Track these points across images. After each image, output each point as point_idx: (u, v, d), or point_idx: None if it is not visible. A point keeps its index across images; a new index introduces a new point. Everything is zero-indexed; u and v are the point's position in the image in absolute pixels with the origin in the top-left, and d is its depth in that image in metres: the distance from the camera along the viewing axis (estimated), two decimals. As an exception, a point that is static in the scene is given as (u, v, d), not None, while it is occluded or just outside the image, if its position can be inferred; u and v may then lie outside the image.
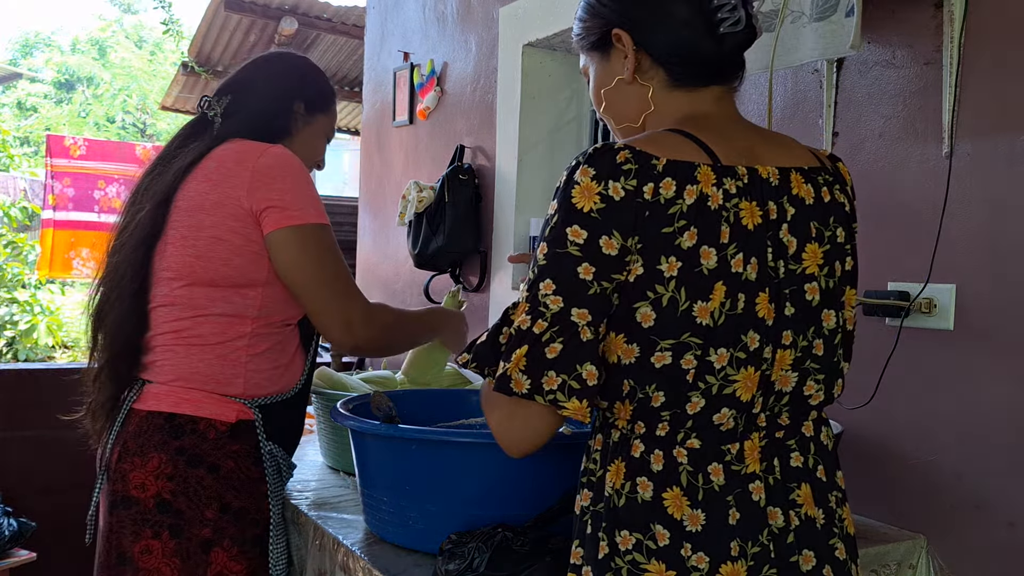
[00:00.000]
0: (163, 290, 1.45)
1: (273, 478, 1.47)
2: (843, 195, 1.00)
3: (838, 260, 0.97)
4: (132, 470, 1.40)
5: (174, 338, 1.45)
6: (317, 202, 1.46)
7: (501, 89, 2.62)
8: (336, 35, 5.68)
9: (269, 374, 1.47)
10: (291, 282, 1.44)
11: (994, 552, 1.42)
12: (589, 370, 0.86)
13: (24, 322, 6.33)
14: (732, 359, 0.89)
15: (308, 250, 1.42)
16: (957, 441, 1.47)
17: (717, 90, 1.00)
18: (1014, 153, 1.39)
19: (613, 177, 0.86)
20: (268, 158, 1.43)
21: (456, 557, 1.14)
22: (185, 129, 1.59)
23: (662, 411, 0.89)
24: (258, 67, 1.62)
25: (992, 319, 1.43)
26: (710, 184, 0.88)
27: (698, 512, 0.88)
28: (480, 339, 0.93)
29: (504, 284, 2.61)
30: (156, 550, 1.38)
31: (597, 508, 0.93)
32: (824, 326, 0.96)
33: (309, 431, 2.18)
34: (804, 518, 0.94)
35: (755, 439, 0.92)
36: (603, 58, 1.03)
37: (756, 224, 0.90)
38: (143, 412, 1.43)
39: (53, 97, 16.61)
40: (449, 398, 1.71)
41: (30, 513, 2.81)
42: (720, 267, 0.87)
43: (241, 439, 1.44)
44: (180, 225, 1.44)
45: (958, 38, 1.44)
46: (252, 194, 1.41)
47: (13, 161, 8.61)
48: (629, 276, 0.87)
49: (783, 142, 1.01)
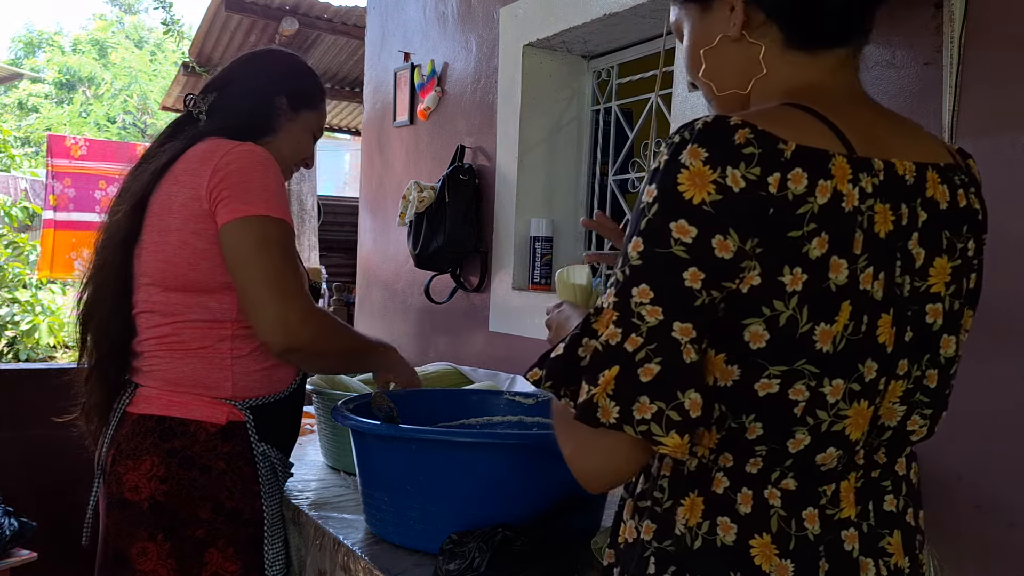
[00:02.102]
0: (143, 296, 1.44)
1: (267, 479, 1.46)
2: (977, 199, 0.86)
3: (965, 277, 0.84)
4: (126, 472, 1.40)
5: (157, 344, 1.44)
6: (271, 195, 1.38)
7: (501, 89, 2.62)
8: (336, 35, 5.69)
9: (258, 376, 1.46)
10: (235, 275, 1.37)
11: (994, 552, 1.42)
12: (692, 398, 0.70)
13: (25, 322, 6.34)
14: (846, 392, 0.75)
15: (256, 243, 1.36)
16: (957, 441, 1.47)
17: (841, 54, 0.83)
18: (1014, 153, 1.39)
19: (732, 162, 0.70)
20: (231, 155, 1.39)
21: (456, 557, 1.15)
22: (169, 127, 1.57)
23: (757, 445, 0.76)
24: (242, 64, 1.60)
25: (992, 319, 1.43)
26: (845, 180, 0.73)
27: (787, 563, 0.76)
28: (555, 352, 0.76)
29: (505, 284, 2.61)
30: (152, 552, 1.38)
31: (664, 545, 0.80)
32: (941, 354, 0.83)
33: (310, 431, 2.18)
34: (893, 569, 0.82)
35: (851, 479, 0.80)
36: (703, 10, 0.86)
37: (887, 232, 0.76)
38: (135, 415, 1.43)
39: (54, 97, 16.62)
40: (449, 398, 1.71)
41: (30, 513, 2.82)
42: (849, 283, 0.73)
43: (232, 440, 1.43)
44: (153, 228, 1.42)
45: (958, 38, 1.44)
46: (210, 192, 1.37)
47: (14, 161, 8.61)
48: (742, 285, 0.72)
49: (912, 130, 0.86)
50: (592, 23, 2.26)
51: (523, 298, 2.53)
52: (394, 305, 3.24)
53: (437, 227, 2.67)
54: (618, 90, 2.51)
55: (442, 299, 2.87)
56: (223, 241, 1.37)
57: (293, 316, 1.35)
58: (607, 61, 2.53)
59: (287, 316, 1.35)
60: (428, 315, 3.01)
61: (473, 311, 2.78)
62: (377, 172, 3.40)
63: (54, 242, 5.97)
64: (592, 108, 2.61)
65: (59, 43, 18.16)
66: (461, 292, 2.82)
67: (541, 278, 2.50)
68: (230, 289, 1.41)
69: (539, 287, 2.50)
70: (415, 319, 3.09)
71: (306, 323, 1.37)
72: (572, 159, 2.63)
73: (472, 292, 2.76)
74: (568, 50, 2.54)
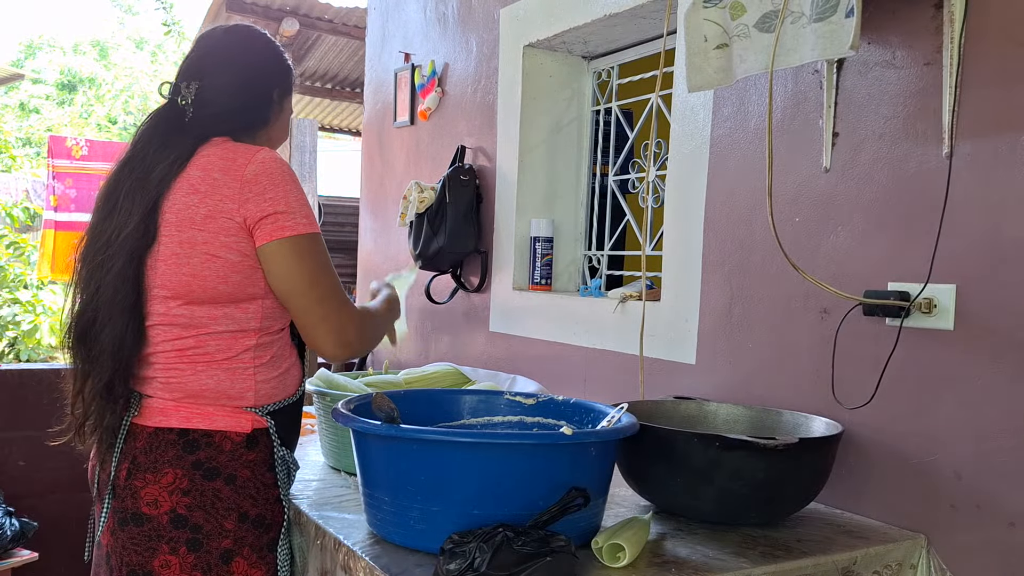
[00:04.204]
0: (160, 308, 1.40)
1: (284, 482, 1.47)
2: None
3: None
4: (144, 486, 1.38)
5: (178, 357, 1.41)
6: (307, 209, 1.41)
7: (502, 90, 2.62)
8: (337, 36, 5.69)
9: (276, 381, 1.47)
10: (284, 295, 1.41)
11: (994, 552, 1.42)
12: None
13: (27, 322, 6.34)
14: None
15: (303, 263, 1.39)
16: (957, 441, 1.47)
17: None
18: (1014, 153, 1.39)
19: None
20: (256, 165, 1.38)
21: (457, 557, 1.15)
22: (152, 121, 1.48)
23: None
24: (224, 49, 1.51)
25: (992, 319, 1.43)
26: None
27: None
28: None
29: (505, 284, 2.61)
30: (175, 565, 1.37)
31: None
32: None
33: (310, 431, 2.18)
34: None
35: None
36: None
37: None
38: (150, 428, 1.40)
39: (55, 98, 16.63)
40: (450, 398, 1.71)
41: (32, 513, 2.82)
42: None
43: (257, 447, 1.43)
44: (171, 240, 1.38)
45: (958, 39, 1.44)
46: (243, 206, 1.36)
47: (15, 162, 8.62)
48: None
49: None
50: (592, 23, 2.26)
51: (523, 298, 2.53)
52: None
53: (438, 227, 2.68)
54: (618, 90, 2.51)
55: (443, 299, 2.87)
56: (270, 259, 1.38)
57: (350, 329, 1.44)
58: (607, 61, 2.53)
59: (346, 331, 1.43)
60: (429, 315, 3.01)
61: (473, 311, 2.78)
62: (378, 172, 3.40)
63: (55, 243, 5.97)
64: (592, 108, 2.61)
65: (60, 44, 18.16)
66: (461, 292, 2.82)
67: (541, 278, 2.50)
68: (256, 299, 1.41)
69: (539, 287, 2.51)
70: (416, 319, 3.09)
71: (361, 331, 1.47)
72: (572, 159, 2.63)
73: (472, 292, 2.76)
74: (568, 51, 2.54)
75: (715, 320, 1.91)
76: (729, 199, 1.88)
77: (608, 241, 2.53)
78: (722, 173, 1.90)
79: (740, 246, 1.85)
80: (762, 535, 1.45)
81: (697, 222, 1.95)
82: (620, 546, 1.27)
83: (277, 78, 1.55)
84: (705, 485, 1.43)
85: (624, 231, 2.51)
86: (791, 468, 1.43)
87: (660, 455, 1.46)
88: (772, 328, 1.78)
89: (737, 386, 1.85)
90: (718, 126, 1.91)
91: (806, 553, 1.37)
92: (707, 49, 1.64)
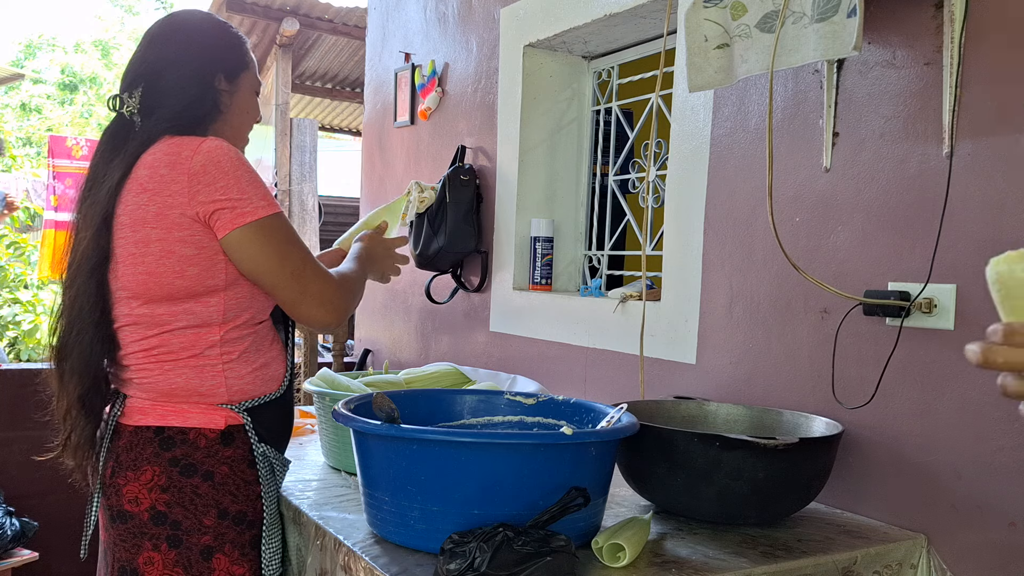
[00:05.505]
0: (124, 310, 1.42)
1: (266, 479, 1.47)
2: None
3: None
4: (125, 484, 1.40)
5: (145, 356, 1.42)
6: (262, 190, 1.39)
7: (502, 90, 2.62)
8: (337, 36, 5.70)
9: (250, 377, 1.46)
10: (258, 279, 1.41)
11: (994, 552, 1.42)
12: None
13: (27, 322, 6.34)
14: None
15: (269, 244, 1.38)
16: (957, 441, 1.47)
17: None
18: (1014, 153, 1.39)
19: None
20: (202, 156, 1.35)
21: (457, 557, 1.15)
22: (106, 136, 1.48)
23: None
24: (162, 47, 1.47)
25: (992, 319, 1.42)
26: None
27: None
28: None
29: (505, 284, 2.61)
30: (158, 562, 1.38)
31: None
32: None
33: (310, 431, 2.18)
34: None
35: None
36: None
37: None
38: (131, 427, 1.42)
39: (56, 98, 16.63)
40: (450, 398, 1.71)
41: (32, 513, 2.82)
42: None
43: (233, 444, 1.43)
44: (126, 242, 1.38)
45: (958, 39, 1.44)
46: (193, 198, 1.35)
47: (16, 162, 8.62)
48: None
49: None
50: (592, 23, 2.26)
51: (524, 298, 2.53)
52: (395, 305, 3.25)
53: (438, 227, 2.68)
54: (618, 90, 2.51)
55: (443, 299, 2.87)
56: (236, 248, 1.37)
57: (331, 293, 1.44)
58: (607, 61, 2.53)
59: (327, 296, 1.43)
60: (429, 315, 3.01)
61: (474, 311, 2.78)
62: (378, 172, 3.40)
63: (55, 242, 5.97)
64: (592, 108, 2.61)
65: (61, 44, 18.16)
66: (462, 292, 2.82)
67: (542, 278, 2.50)
68: (216, 291, 1.40)
69: (540, 287, 2.51)
70: (416, 319, 3.09)
71: (342, 294, 1.47)
72: (572, 159, 2.63)
73: (473, 292, 2.76)
74: (569, 50, 2.54)
75: (715, 320, 1.91)
76: (729, 199, 1.88)
77: (608, 241, 2.53)
78: (722, 173, 1.90)
79: (740, 246, 1.85)
80: (762, 535, 1.45)
81: (697, 222, 1.95)
82: (620, 546, 1.27)
83: (220, 64, 1.49)
84: (705, 485, 1.43)
85: (624, 231, 2.51)
86: (791, 468, 1.43)
87: (660, 455, 1.46)
88: (772, 328, 1.78)
89: (737, 386, 1.85)
90: (718, 126, 1.91)
91: (806, 553, 1.37)
92: (708, 49, 1.64)
